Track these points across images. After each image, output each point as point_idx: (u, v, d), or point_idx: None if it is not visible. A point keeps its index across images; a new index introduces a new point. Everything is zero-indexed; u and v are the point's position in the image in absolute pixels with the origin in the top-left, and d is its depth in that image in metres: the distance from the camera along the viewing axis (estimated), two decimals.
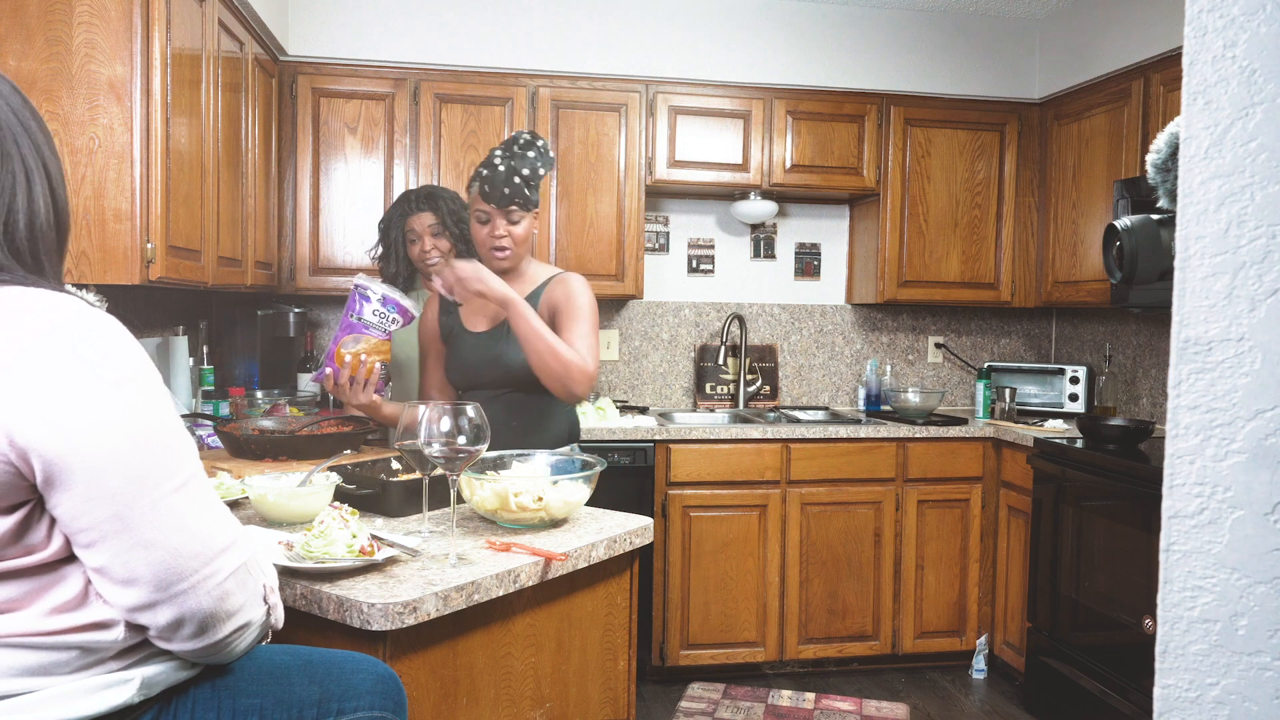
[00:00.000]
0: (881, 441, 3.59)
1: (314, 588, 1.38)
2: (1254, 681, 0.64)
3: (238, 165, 2.87)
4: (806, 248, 4.25)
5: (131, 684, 1.05)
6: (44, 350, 0.95)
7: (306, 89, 3.46)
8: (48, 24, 2.04)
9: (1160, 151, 1.03)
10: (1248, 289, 0.63)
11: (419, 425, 1.53)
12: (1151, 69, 3.34)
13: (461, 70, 3.56)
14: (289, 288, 3.47)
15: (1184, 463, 0.67)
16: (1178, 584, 0.67)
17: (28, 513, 0.98)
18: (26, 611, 0.99)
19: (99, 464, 0.96)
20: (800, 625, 3.57)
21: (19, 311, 0.97)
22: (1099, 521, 2.97)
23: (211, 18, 2.56)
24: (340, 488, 1.83)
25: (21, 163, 1.02)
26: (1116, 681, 2.86)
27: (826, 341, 4.27)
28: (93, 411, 0.95)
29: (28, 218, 1.02)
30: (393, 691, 1.25)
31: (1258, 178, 0.63)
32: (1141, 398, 3.79)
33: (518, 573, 1.52)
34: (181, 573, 1.00)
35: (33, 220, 1.03)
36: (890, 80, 3.90)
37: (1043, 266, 3.97)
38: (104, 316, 1.01)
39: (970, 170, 3.97)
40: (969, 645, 3.71)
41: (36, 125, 1.05)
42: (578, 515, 1.88)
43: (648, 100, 3.69)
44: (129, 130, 2.10)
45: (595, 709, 1.78)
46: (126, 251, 2.12)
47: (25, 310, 0.97)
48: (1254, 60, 0.62)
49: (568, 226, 3.64)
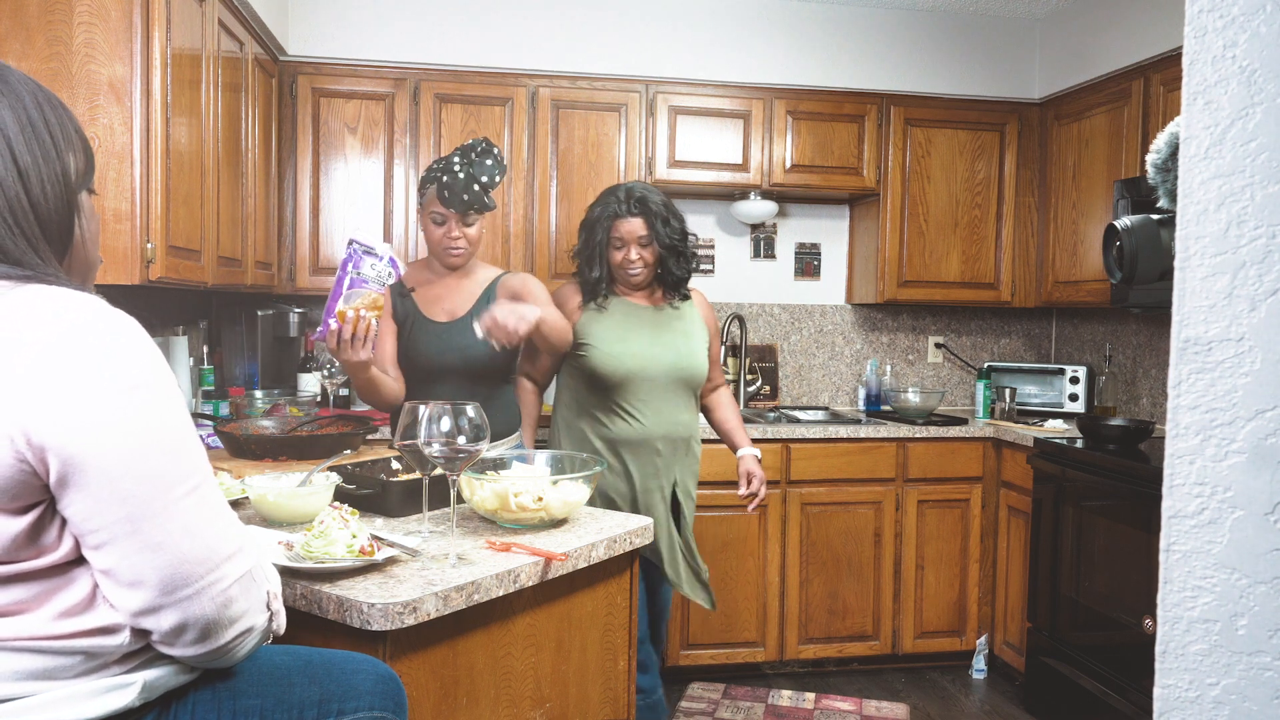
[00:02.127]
0: (881, 441, 3.59)
1: (314, 588, 1.38)
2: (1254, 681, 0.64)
3: (238, 165, 2.87)
4: (806, 248, 4.25)
5: (133, 687, 1.05)
6: (65, 350, 0.95)
7: (306, 89, 3.46)
8: (48, 24, 2.03)
9: (1160, 151, 1.03)
10: (1248, 289, 0.63)
11: (419, 425, 1.53)
12: (1151, 69, 3.34)
13: (461, 70, 3.56)
14: (289, 288, 3.47)
15: (1184, 463, 0.67)
16: (1178, 584, 0.67)
17: (40, 514, 0.98)
18: (35, 614, 1.00)
19: (113, 465, 0.96)
20: (800, 625, 3.57)
21: (42, 310, 0.97)
22: (1099, 521, 2.97)
23: (211, 18, 2.56)
24: (340, 488, 1.83)
25: None
26: (1116, 681, 2.86)
27: (826, 341, 4.27)
28: (110, 412, 0.96)
29: (9, 212, 1.01)
30: (393, 692, 1.25)
31: (1258, 178, 0.63)
32: (1141, 398, 3.79)
33: (518, 573, 1.52)
34: (187, 578, 1.00)
35: (14, 215, 1.02)
36: (890, 80, 3.90)
37: (1043, 266, 3.97)
38: (124, 318, 1.01)
39: (970, 170, 3.97)
40: (969, 645, 3.71)
41: (12, 118, 1.03)
42: (578, 515, 1.88)
43: (648, 100, 3.69)
44: (129, 130, 2.10)
45: (595, 709, 1.78)
46: (126, 251, 2.12)
47: (48, 310, 0.97)
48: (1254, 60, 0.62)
49: (568, 226, 3.64)
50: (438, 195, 2.37)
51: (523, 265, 3.60)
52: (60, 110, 1.09)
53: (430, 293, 2.49)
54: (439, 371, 2.42)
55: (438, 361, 2.41)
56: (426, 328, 2.44)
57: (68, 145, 1.08)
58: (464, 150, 2.40)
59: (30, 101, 1.05)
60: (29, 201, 1.03)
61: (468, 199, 2.35)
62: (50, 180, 1.05)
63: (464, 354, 2.41)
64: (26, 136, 1.03)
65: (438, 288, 2.49)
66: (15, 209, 1.02)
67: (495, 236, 3.59)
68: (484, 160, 2.39)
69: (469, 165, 2.37)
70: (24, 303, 0.98)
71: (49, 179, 1.05)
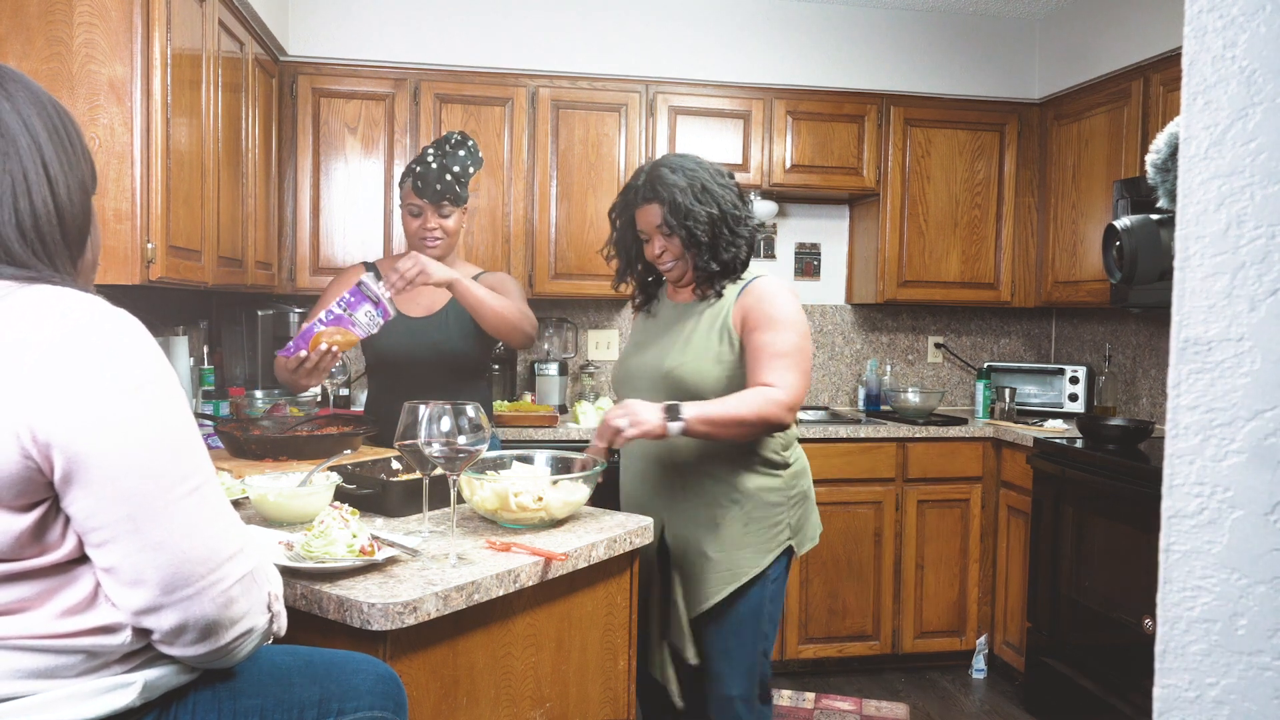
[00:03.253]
0: (881, 441, 3.59)
1: (314, 588, 1.38)
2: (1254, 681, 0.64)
3: (238, 165, 2.87)
4: (806, 248, 4.25)
5: (134, 687, 1.05)
6: (69, 348, 0.96)
7: (306, 89, 3.46)
8: (48, 24, 2.03)
9: (1160, 151, 1.03)
10: (1248, 289, 0.63)
11: (419, 425, 1.53)
12: (1151, 69, 3.34)
13: (461, 70, 3.56)
14: (289, 288, 3.47)
15: (1184, 463, 0.67)
16: (1178, 584, 0.67)
17: (45, 511, 0.99)
18: (37, 612, 1.00)
19: (116, 463, 0.97)
20: (800, 625, 3.57)
21: (47, 310, 0.98)
22: (1099, 521, 2.97)
23: (211, 18, 2.56)
24: (340, 488, 1.83)
25: (19, 163, 1.03)
26: (1116, 681, 2.86)
27: (826, 341, 4.27)
28: (113, 410, 0.97)
29: (31, 219, 1.04)
30: (393, 691, 1.25)
31: (1258, 178, 0.63)
32: (1141, 398, 3.79)
33: (518, 573, 1.52)
34: (188, 577, 1.01)
35: (36, 221, 1.04)
36: (890, 80, 3.90)
37: (1042, 266, 3.97)
38: (128, 318, 1.03)
39: (970, 170, 3.97)
40: (969, 645, 3.71)
41: (41, 124, 1.05)
42: (578, 515, 1.88)
43: (648, 100, 3.69)
44: (129, 130, 2.10)
45: (595, 709, 1.78)
46: (126, 251, 2.12)
47: (53, 309, 0.99)
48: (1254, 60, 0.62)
49: (568, 227, 3.64)
50: (412, 187, 2.43)
51: (523, 265, 3.60)
52: (72, 119, 1.11)
53: (420, 288, 2.48)
54: (409, 365, 2.45)
55: (408, 356, 2.44)
56: (400, 322, 2.43)
57: (83, 154, 1.11)
58: (439, 143, 2.45)
59: (52, 110, 1.08)
60: (55, 207, 1.06)
61: (440, 189, 2.39)
62: (75, 188, 1.09)
63: (436, 349, 2.45)
64: (55, 145, 1.07)
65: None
66: (39, 215, 1.04)
67: (495, 236, 3.59)
68: (457, 151, 2.43)
69: (442, 156, 2.42)
70: (30, 303, 0.99)
71: (74, 187, 1.08)
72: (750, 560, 2.05)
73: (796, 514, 2.12)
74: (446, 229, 2.45)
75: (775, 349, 1.97)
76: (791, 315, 2.01)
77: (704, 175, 2.04)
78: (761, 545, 2.06)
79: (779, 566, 2.09)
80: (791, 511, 2.10)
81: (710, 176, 2.04)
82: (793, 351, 1.97)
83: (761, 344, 1.98)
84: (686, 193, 2.00)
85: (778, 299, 2.02)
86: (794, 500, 2.11)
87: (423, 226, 2.44)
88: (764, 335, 1.98)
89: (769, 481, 2.07)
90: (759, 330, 1.99)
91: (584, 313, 4.04)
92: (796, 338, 1.99)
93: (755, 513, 2.06)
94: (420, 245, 2.46)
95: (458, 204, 2.45)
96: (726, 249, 2.04)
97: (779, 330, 1.98)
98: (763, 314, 2.00)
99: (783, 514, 2.08)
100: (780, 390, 1.93)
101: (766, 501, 2.07)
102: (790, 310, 2.01)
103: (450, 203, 2.43)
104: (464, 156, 2.43)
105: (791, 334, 1.98)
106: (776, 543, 2.08)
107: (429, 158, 2.42)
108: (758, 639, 2.09)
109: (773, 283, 2.07)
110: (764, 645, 2.10)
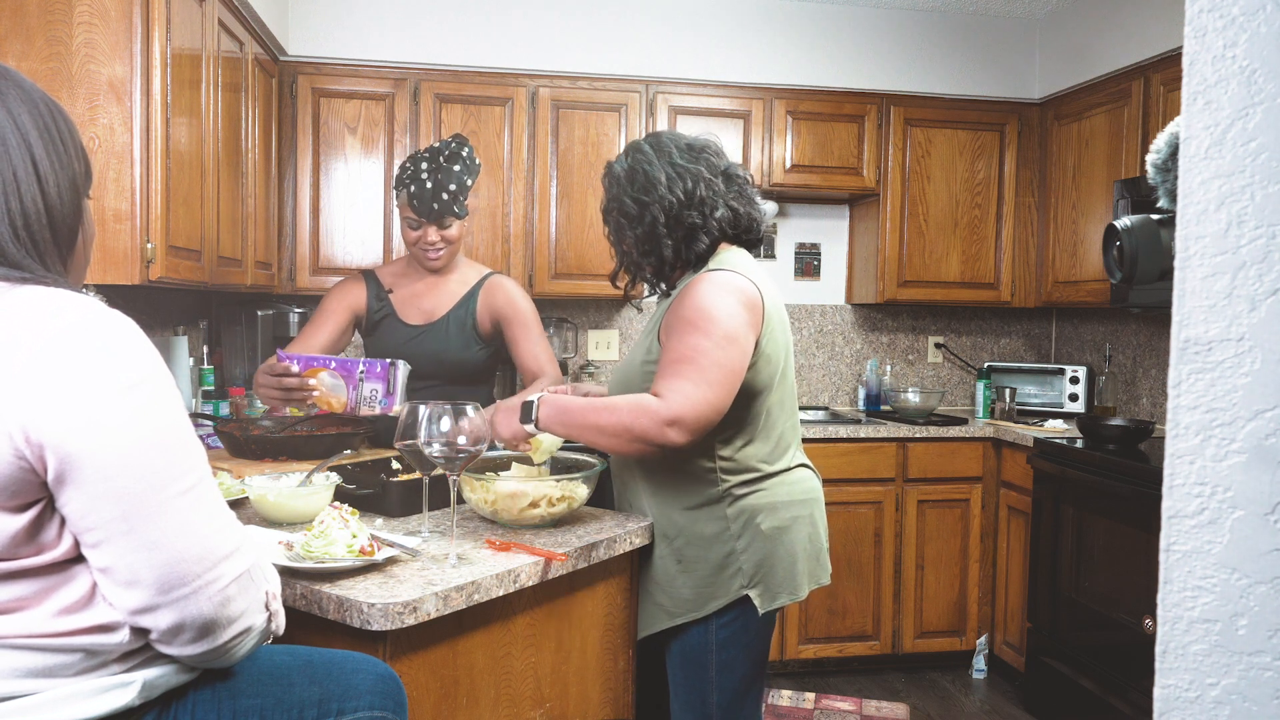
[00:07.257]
0: (881, 441, 3.59)
1: (314, 588, 1.38)
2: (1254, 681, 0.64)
3: (238, 165, 2.87)
4: (806, 248, 4.25)
5: (133, 686, 1.05)
6: (62, 348, 0.96)
7: (306, 89, 3.46)
8: (48, 24, 2.03)
9: (1160, 151, 1.03)
10: (1248, 289, 0.63)
11: (419, 425, 1.53)
12: (1151, 69, 3.34)
13: (461, 70, 3.56)
14: (289, 288, 3.47)
15: (1184, 463, 0.67)
16: (1178, 584, 0.67)
17: (39, 511, 0.99)
18: (35, 611, 1.00)
19: (110, 462, 0.97)
20: (800, 625, 3.57)
21: (40, 310, 0.98)
22: (1099, 521, 2.97)
23: (211, 18, 2.56)
24: (340, 488, 1.83)
25: (9, 162, 1.03)
26: (1116, 681, 2.86)
27: (826, 341, 4.26)
28: (106, 410, 0.97)
29: (22, 219, 1.03)
30: (393, 691, 1.25)
31: (1258, 178, 0.63)
32: (1141, 398, 3.79)
33: (518, 573, 1.52)
34: (184, 577, 1.00)
35: (27, 221, 1.04)
36: (890, 80, 3.90)
37: (1043, 266, 3.97)
38: (121, 318, 1.02)
39: (970, 170, 3.97)
40: (969, 645, 3.71)
41: (31, 122, 1.05)
42: (578, 515, 1.88)
43: (648, 100, 3.69)
44: (129, 130, 2.10)
45: (595, 709, 1.78)
46: (126, 251, 2.12)
47: (45, 309, 0.99)
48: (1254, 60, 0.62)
49: (568, 226, 3.64)
50: (409, 204, 2.35)
51: (522, 265, 3.60)
52: (65, 116, 1.11)
53: (409, 291, 2.46)
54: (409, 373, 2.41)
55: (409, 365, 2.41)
56: (399, 331, 2.41)
57: (76, 152, 1.10)
58: (433, 154, 2.35)
59: (44, 108, 1.07)
60: (45, 206, 1.05)
61: (438, 208, 2.32)
62: (66, 186, 1.08)
63: (437, 358, 2.39)
64: (45, 142, 1.06)
65: (417, 285, 2.47)
66: (29, 214, 1.04)
67: (495, 237, 3.59)
68: (452, 166, 2.34)
69: (436, 172, 2.33)
70: (22, 303, 0.99)
71: (65, 185, 1.08)
72: (689, 604, 1.77)
73: (754, 558, 1.75)
74: (448, 238, 2.39)
75: (673, 353, 1.66)
76: (708, 315, 1.65)
77: (650, 160, 1.78)
78: (703, 589, 1.75)
79: (732, 615, 1.76)
80: (746, 556, 1.74)
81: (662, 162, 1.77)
82: (694, 357, 1.62)
83: (665, 348, 1.69)
84: (620, 181, 1.80)
85: (699, 298, 1.68)
86: (751, 541, 1.75)
87: (423, 240, 2.38)
88: (670, 338, 1.69)
89: (702, 516, 1.76)
90: (668, 332, 1.71)
91: (584, 313, 4.04)
92: (705, 341, 1.63)
93: (687, 551, 1.77)
94: (422, 257, 2.41)
95: (459, 218, 2.39)
96: (663, 243, 1.78)
97: (685, 334, 1.65)
98: (675, 315, 1.70)
99: (730, 558, 1.74)
100: (663, 402, 1.59)
101: (702, 537, 1.76)
102: (708, 310, 1.66)
103: (452, 216, 2.37)
104: (460, 171, 2.35)
105: (698, 338, 1.63)
106: (725, 590, 1.74)
107: (423, 174, 2.33)
108: (705, 686, 1.78)
109: (708, 279, 1.72)
110: (716, 696, 1.78)
